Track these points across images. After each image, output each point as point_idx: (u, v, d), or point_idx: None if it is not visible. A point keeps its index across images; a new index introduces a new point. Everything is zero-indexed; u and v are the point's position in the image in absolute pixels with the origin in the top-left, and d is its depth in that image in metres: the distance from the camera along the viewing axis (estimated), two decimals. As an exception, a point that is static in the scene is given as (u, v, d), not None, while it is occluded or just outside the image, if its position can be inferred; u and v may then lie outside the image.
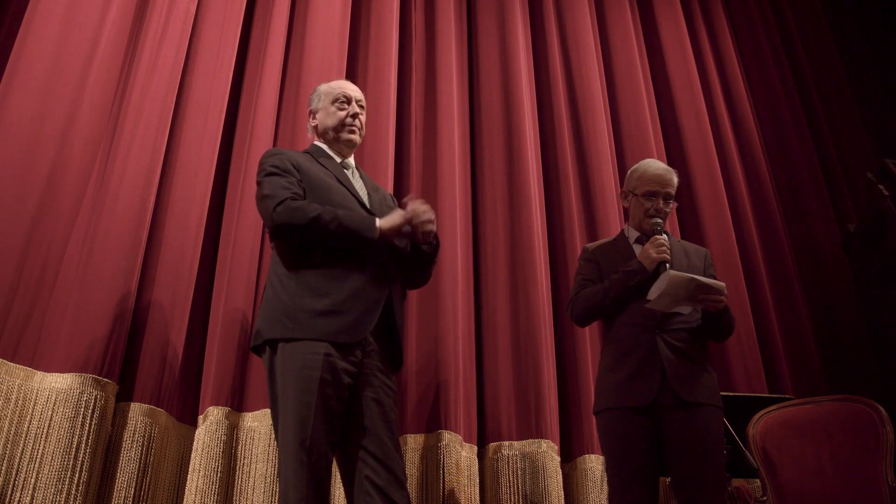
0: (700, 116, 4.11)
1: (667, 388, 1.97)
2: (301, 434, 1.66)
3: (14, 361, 2.11)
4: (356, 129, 2.14)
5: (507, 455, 2.74)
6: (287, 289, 1.83)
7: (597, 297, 2.13)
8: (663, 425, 1.97)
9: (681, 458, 1.94)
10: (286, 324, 1.78)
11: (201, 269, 2.68)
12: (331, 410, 1.71)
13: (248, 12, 3.25)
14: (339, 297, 1.81)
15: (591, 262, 2.26)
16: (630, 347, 2.05)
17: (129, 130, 2.57)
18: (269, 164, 1.97)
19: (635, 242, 2.23)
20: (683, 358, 2.02)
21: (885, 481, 2.27)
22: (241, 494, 2.28)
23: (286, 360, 1.75)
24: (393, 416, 1.83)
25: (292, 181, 1.92)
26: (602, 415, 2.06)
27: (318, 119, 2.17)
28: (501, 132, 3.50)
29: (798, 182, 4.21)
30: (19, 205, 2.24)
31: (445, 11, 3.71)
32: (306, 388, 1.70)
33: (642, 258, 2.08)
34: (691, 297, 1.98)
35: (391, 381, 1.89)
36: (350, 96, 2.15)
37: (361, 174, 2.17)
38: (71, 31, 2.53)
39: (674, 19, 4.46)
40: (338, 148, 2.13)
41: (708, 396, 2.00)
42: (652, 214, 2.18)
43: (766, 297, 3.71)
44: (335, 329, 1.77)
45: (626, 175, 2.33)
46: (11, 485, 1.96)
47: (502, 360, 2.95)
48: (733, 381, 3.33)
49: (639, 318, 2.07)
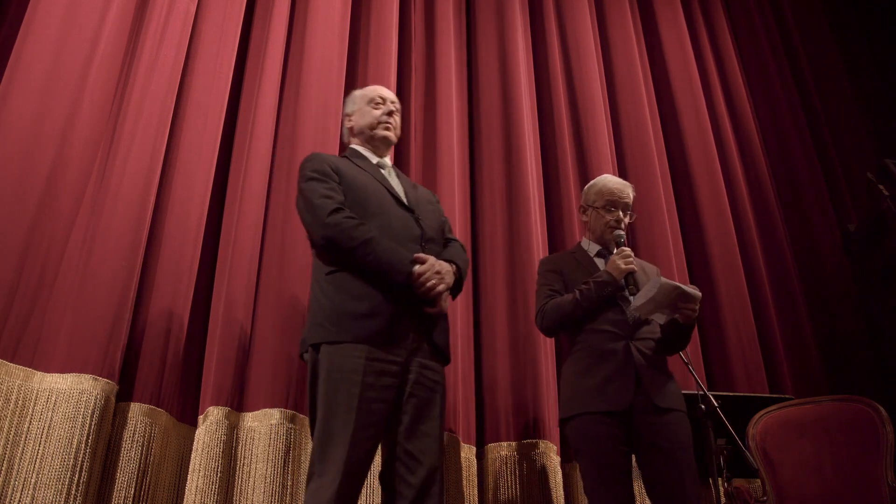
0: (700, 116, 4.11)
1: (641, 394, 2.04)
2: (342, 435, 1.69)
3: (14, 362, 2.10)
4: (391, 125, 2.20)
5: (506, 455, 2.74)
6: (326, 294, 1.88)
7: (568, 307, 2.19)
8: (636, 429, 2.03)
9: (654, 460, 2.00)
10: (328, 328, 1.83)
11: (201, 269, 2.68)
12: (372, 412, 1.74)
13: (248, 12, 3.25)
14: (377, 299, 1.84)
15: (554, 273, 2.32)
16: (603, 354, 2.11)
17: (129, 130, 2.57)
18: (308, 170, 2.01)
19: (596, 256, 2.32)
20: (653, 365, 2.10)
21: (885, 481, 2.27)
22: (241, 494, 2.28)
23: (329, 362, 1.79)
24: (435, 411, 1.86)
25: (333, 186, 1.96)
26: (575, 420, 2.09)
27: (354, 120, 2.24)
28: (501, 132, 3.50)
29: (798, 182, 4.21)
30: (19, 205, 2.24)
31: (445, 12, 3.71)
32: (348, 389, 1.74)
33: (611, 269, 2.16)
34: (671, 305, 2.05)
35: (438, 375, 1.92)
36: (385, 97, 2.24)
37: (398, 173, 2.21)
38: (71, 31, 2.53)
39: (674, 19, 4.46)
40: (373, 147, 2.19)
41: (676, 402, 2.09)
42: (614, 226, 2.28)
43: (766, 297, 3.71)
44: (374, 331, 1.81)
45: (583, 191, 2.43)
46: (11, 485, 1.96)
47: (501, 360, 2.95)
48: (733, 380, 3.33)
49: (611, 326, 2.14)
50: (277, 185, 2.87)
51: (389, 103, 2.22)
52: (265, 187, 2.85)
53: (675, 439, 2.00)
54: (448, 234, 2.19)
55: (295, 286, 2.64)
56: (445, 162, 3.24)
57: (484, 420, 2.88)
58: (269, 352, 2.49)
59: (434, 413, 1.86)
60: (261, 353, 2.50)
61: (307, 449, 2.41)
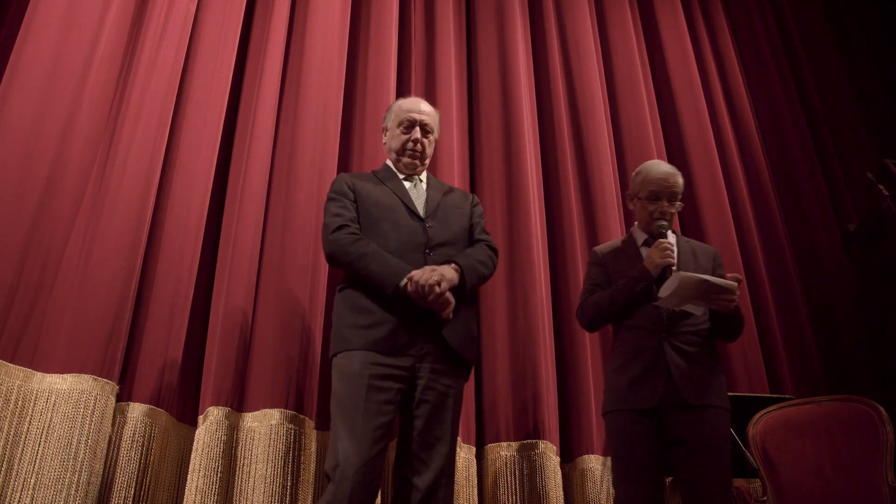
0: (700, 116, 4.11)
1: (672, 391, 2.00)
2: (352, 437, 1.76)
3: (14, 362, 2.10)
4: (417, 153, 2.23)
5: (505, 456, 2.74)
6: (337, 307, 2.02)
7: (604, 303, 2.17)
8: (668, 427, 2.00)
9: (685, 458, 1.96)
10: (337, 340, 1.97)
11: (201, 269, 2.68)
12: (380, 413, 1.81)
13: (248, 12, 3.25)
14: (379, 311, 1.92)
15: (600, 266, 2.28)
16: (637, 350, 2.08)
17: (129, 130, 2.57)
18: (330, 191, 2.17)
19: (643, 245, 2.24)
20: (690, 361, 2.04)
21: (885, 481, 2.27)
22: (241, 495, 2.28)
23: (339, 371, 1.91)
24: (447, 416, 1.91)
25: (345, 204, 2.09)
26: (608, 416, 2.11)
27: (387, 138, 2.31)
28: (500, 133, 3.50)
29: (798, 182, 4.21)
30: (19, 205, 2.24)
31: (445, 12, 3.71)
32: (356, 392, 1.82)
33: (647, 264, 2.10)
34: (703, 297, 2.00)
35: (452, 381, 1.95)
36: (415, 120, 2.24)
37: (430, 182, 2.26)
38: (71, 31, 2.53)
39: (674, 19, 4.46)
40: (400, 168, 2.25)
41: (715, 398, 2.02)
42: (657, 217, 2.19)
43: (766, 297, 3.71)
44: (377, 339, 1.88)
45: (631, 178, 2.34)
46: (11, 485, 1.96)
47: (501, 360, 2.95)
48: (734, 380, 3.33)
49: (646, 322, 2.09)
50: (277, 185, 2.87)
51: (418, 128, 2.22)
52: (265, 187, 2.85)
53: (705, 437, 1.96)
54: (479, 235, 2.21)
55: (295, 286, 2.64)
56: (445, 162, 3.24)
57: (484, 420, 2.88)
58: (269, 352, 2.49)
59: (445, 418, 1.90)
60: (261, 353, 2.50)
61: (307, 449, 2.41)
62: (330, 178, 2.93)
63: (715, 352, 2.14)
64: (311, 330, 2.61)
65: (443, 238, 2.07)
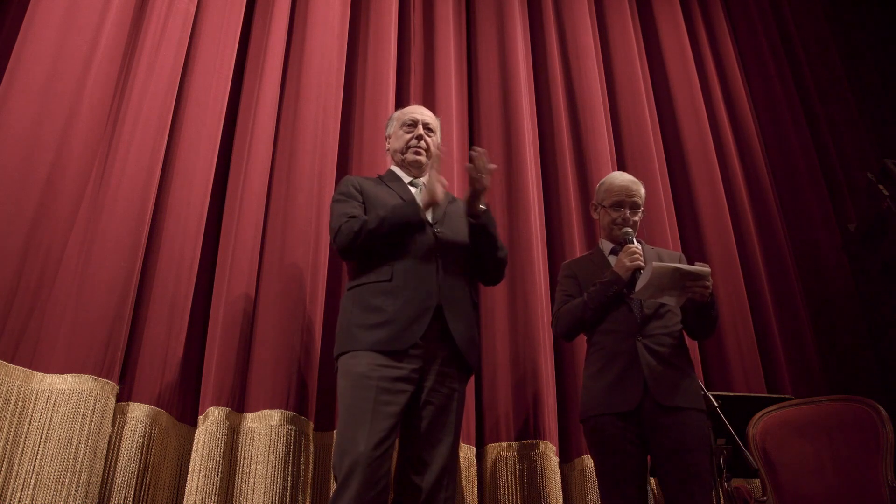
0: (699, 116, 4.11)
1: (650, 393, 2.03)
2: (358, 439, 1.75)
3: (14, 363, 2.10)
4: (421, 149, 2.27)
5: (505, 456, 2.74)
6: (345, 307, 2.03)
7: (577, 310, 2.20)
8: (648, 429, 2.02)
9: (665, 461, 1.99)
10: (344, 339, 1.97)
11: (201, 270, 2.68)
12: (387, 415, 1.80)
13: (248, 12, 3.25)
14: (389, 311, 1.92)
15: (570, 278, 2.33)
16: (612, 354, 2.11)
17: (129, 131, 2.57)
18: (336, 193, 2.20)
19: (610, 254, 2.31)
20: (664, 363, 2.07)
21: (885, 481, 2.27)
22: (241, 495, 2.28)
23: (345, 370, 1.91)
24: (451, 418, 1.92)
25: (353, 204, 2.12)
26: (588, 422, 2.12)
27: (390, 143, 2.35)
28: (500, 133, 3.50)
29: (798, 182, 4.21)
30: (19, 206, 2.23)
31: (445, 12, 3.71)
32: (363, 394, 1.82)
33: (617, 268, 2.15)
34: (677, 287, 2.02)
35: (456, 382, 1.97)
36: (417, 120, 2.30)
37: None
38: (71, 32, 2.52)
39: (673, 19, 4.45)
40: (406, 169, 2.28)
41: (689, 401, 2.05)
42: (620, 224, 2.26)
43: (765, 297, 3.71)
44: (384, 339, 1.89)
45: (595, 189, 2.42)
46: (11, 485, 1.96)
47: (500, 360, 2.95)
48: (732, 381, 3.33)
49: (619, 326, 2.13)
50: (277, 185, 2.87)
51: (421, 126, 2.28)
52: (265, 187, 2.84)
53: (680, 440, 1.98)
54: None
55: (295, 286, 2.64)
56: (445, 162, 3.24)
57: (484, 420, 2.88)
58: (269, 352, 2.49)
59: (449, 420, 1.91)
60: (261, 353, 2.50)
61: (308, 450, 2.41)
62: (330, 178, 2.94)
63: (687, 353, 2.18)
64: (311, 330, 2.61)
65: (452, 244, 2.09)
